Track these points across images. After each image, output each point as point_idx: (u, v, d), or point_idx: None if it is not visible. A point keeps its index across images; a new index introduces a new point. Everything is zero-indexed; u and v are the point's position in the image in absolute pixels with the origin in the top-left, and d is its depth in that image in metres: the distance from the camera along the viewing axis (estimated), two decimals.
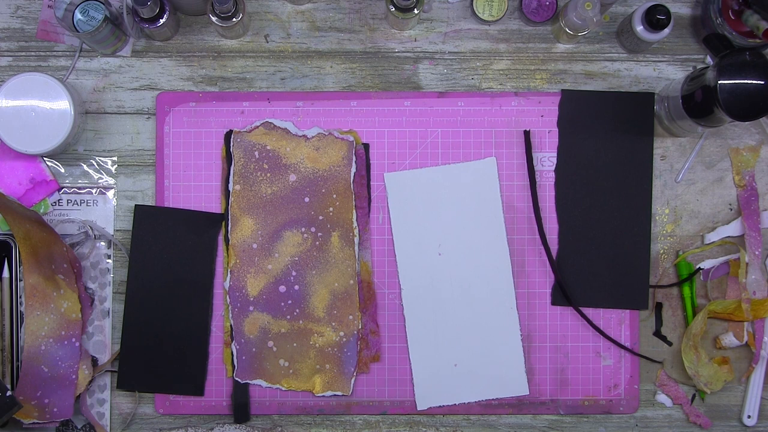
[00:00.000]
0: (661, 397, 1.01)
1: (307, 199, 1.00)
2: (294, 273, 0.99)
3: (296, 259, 0.99)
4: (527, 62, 1.02)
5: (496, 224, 1.00)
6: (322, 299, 0.99)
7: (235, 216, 0.99)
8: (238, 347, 0.99)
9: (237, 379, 0.99)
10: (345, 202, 1.00)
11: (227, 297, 0.99)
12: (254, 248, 0.99)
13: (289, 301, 0.99)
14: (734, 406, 1.01)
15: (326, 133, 1.00)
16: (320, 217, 0.99)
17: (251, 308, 0.99)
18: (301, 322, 0.99)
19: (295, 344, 0.99)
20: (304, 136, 1.00)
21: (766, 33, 0.93)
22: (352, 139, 1.00)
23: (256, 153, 1.00)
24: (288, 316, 0.99)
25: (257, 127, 1.00)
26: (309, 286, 0.99)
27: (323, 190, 1.00)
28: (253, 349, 0.99)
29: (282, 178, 1.00)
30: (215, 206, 1.00)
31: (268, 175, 1.00)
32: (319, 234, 0.99)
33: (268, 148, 1.00)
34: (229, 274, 0.99)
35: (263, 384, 0.99)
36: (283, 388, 0.99)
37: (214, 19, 0.96)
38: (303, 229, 0.99)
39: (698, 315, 0.99)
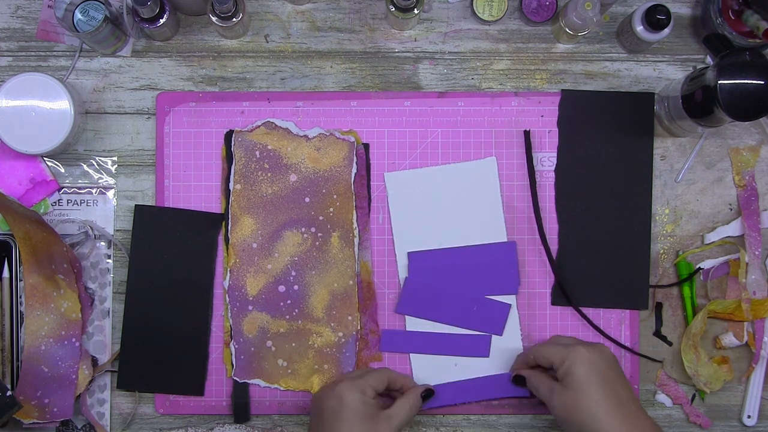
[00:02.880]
0: (661, 397, 1.01)
1: (307, 200, 1.00)
2: (293, 273, 0.99)
3: (296, 259, 0.99)
4: (527, 62, 1.02)
5: (496, 224, 1.00)
6: (321, 299, 0.99)
7: (235, 215, 0.99)
8: (236, 346, 0.99)
9: (235, 378, 0.99)
10: (345, 203, 1.00)
11: (226, 296, 0.99)
12: (254, 248, 0.99)
13: (289, 301, 0.99)
14: (734, 406, 1.01)
15: (327, 134, 1.00)
16: (320, 218, 0.99)
17: (250, 308, 0.99)
18: (300, 322, 0.99)
19: (293, 344, 0.99)
20: (305, 136, 1.00)
21: (766, 33, 0.93)
22: (353, 139, 1.00)
23: (257, 152, 1.00)
24: (287, 316, 0.99)
25: (258, 126, 1.00)
26: (308, 286, 0.99)
27: (324, 191, 1.00)
28: (252, 349, 0.99)
29: (282, 178, 1.00)
30: (215, 206, 1.00)
31: (269, 174, 1.00)
32: (319, 234, 0.99)
33: (269, 147, 1.00)
34: (228, 274, 0.99)
35: (261, 384, 0.99)
36: (282, 388, 0.99)
37: (214, 19, 0.96)
38: (303, 229, 1.00)
39: (698, 315, 0.99)
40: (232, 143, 1.00)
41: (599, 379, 0.86)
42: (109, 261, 1.00)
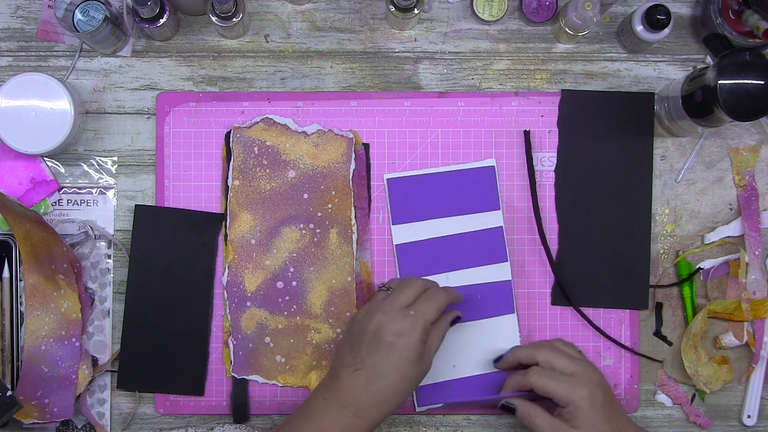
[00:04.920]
0: (661, 397, 1.01)
1: (305, 196, 1.00)
2: (292, 269, 0.99)
3: (294, 255, 0.99)
4: (527, 62, 1.02)
5: (495, 225, 1.00)
6: (319, 296, 0.99)
7: (233, 211, 0.99)
8: (235, 342, 0.99)
9: (234, 374, 0.99)
10: (344, 199, 1.00)
11: (225, 292, 0.99)
12: (252, 244, 0.99)
13: (287, 297, 0.99)
14: (734, 406, 1.01)
15: (326, 130, 1.00)
16: (318, 214, 1.00)
17: (248, 304, 0.99)
18: (298, 318, 0.99)
19: (291, 340, 0.99)
20: (303, 132, 1.00)
21: (766, 33, 0.93)
22: (351, 135, 1.00)
23: (256, 149, 1.00)
24: (285, 312, 0.99)
25: (257, 122, 1.00)
26: (306, 282, 0.99)
27: (322, 187, 1.00)
28: (250, 345, 0.99)
29: (281, 174, 1.00)
30: (215, 206, 1.00)
31: (267, 171, 1.00)
32: (318, 230, 0.99)
33: (268, 144, 1.00)
34: (227, 270, 0.99)
35: (260, 380, 0.99)
36: (280, 384, 0.99)
37: (214, 19, 0.96)
38: (301, 226, 1.00)
39: (698, 315, 0.99)
40: (231, 139, 1.00)
41: (605, 417, 0.89)
42: (109, 261, 1.00)
